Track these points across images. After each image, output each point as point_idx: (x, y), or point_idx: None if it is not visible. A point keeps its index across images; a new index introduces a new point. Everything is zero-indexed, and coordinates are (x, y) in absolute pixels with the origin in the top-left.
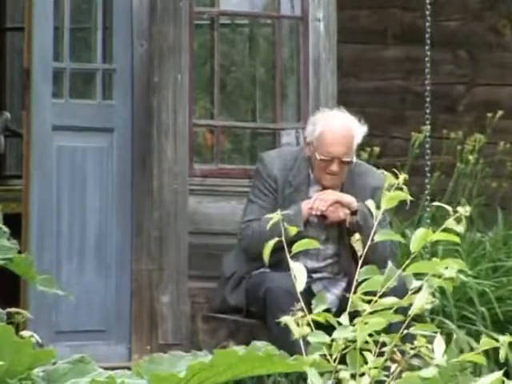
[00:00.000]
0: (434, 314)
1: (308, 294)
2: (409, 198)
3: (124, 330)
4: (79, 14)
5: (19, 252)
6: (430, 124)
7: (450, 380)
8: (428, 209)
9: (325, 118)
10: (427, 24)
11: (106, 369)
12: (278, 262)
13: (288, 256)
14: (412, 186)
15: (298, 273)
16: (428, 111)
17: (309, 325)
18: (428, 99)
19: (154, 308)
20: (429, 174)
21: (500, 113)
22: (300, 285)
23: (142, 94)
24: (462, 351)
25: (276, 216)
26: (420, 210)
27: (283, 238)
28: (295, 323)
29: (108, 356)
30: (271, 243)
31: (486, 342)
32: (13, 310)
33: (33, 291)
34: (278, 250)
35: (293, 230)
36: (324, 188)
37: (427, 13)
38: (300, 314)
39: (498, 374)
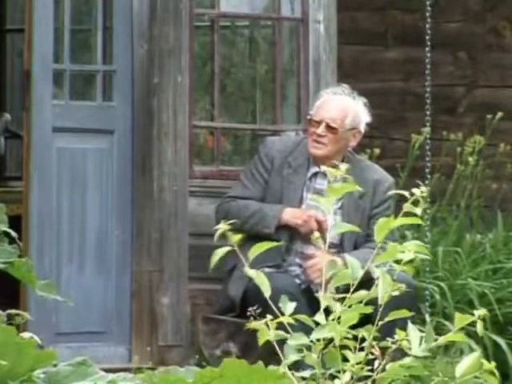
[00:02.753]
0: (435, 315)
1: (308, 294)
2: (357, 188)
3: (124, 331)
4: (79, 16)
5: (19, 255)
6: (430, 125)
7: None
8: (428, 210)
9: (328, 92)
10: (427, 25)
11: (107, 370)
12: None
13: (242, 261)
14: (412, 188)
15: (260, 280)
16: (428, 113)
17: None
18: (428, 101)
19: (154, 309)
20: (429, 176)
21: (500, 114)
22: (266, 291)
23: (142, 96)
24: (462, 352)
25: (223, 227)
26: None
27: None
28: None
29: (108, 357)
30: (221, 251)
31: (462, 319)
32: (13, 311)
33: (33, 293)
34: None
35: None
36: (315, 160)
37: (427, 14)
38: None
39: (477, 353)
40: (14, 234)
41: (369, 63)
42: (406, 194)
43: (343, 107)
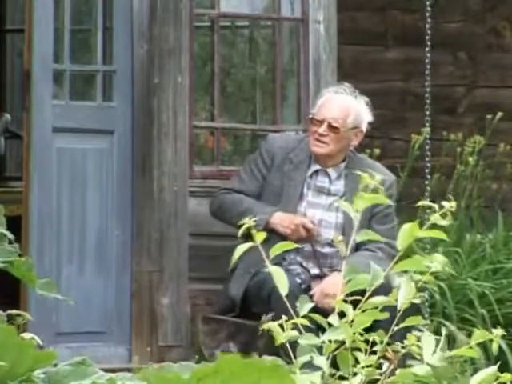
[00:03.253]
0: (434, 315)
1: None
2: (386, 201)
3: (124, 331)
4: (79, 16)
5: (19, 255)
6: (430, 126)
7: (447, 379)
8: (428, 211)
9: (329, 91)
10: (427, 26)
11: (106, 370)
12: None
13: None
14: (412, 188)
15: (278, 276)
16: (428, 113)
17: (308, 327)
18: (428, 101)
19: (154, 309)
20: (429, 176)
21: (500, 114)
22: (284, 289)
23: (142, 96)
24: None
25: (248, 222)
26: (420, 212)
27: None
28: (279, 327)
29: (108, 357)
30: (242, 248)
31: (479, 335)
32: (13, 311)
33: (33, 293)
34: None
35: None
36: (317, 158)
37: (427, 14)
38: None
39: (493, 368)
40: (10, 235)
41: (369, 63)
42: (435, 206)
43: (345, 106)
